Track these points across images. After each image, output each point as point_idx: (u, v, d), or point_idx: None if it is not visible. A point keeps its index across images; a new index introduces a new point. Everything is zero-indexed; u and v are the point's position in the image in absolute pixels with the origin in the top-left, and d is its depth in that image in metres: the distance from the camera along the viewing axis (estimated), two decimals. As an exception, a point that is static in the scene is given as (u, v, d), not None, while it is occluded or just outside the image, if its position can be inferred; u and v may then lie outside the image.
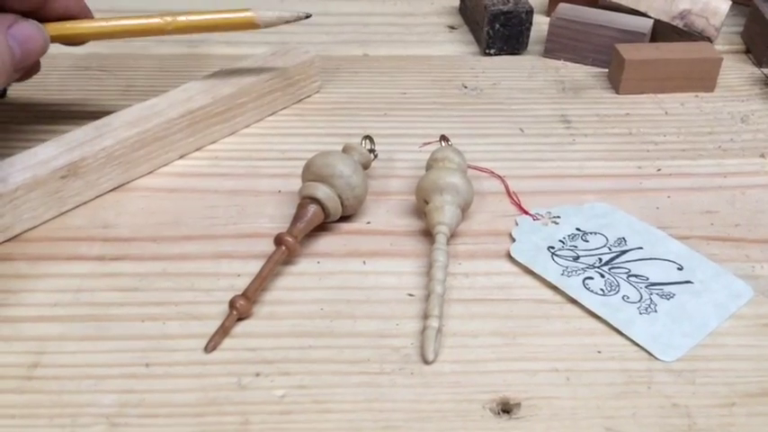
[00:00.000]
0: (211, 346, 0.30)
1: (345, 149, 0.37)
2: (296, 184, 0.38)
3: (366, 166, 0.38)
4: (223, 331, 0.30)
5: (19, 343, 0.30)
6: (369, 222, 0.37)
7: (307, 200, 0.35)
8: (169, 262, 0.34)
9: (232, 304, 0.31)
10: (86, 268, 0.33)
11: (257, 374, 0.29)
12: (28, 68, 0.37)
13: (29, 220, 0.35)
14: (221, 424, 0.27)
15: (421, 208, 0.36)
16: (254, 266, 0.33)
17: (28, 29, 0.36)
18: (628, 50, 0.47)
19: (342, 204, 0.35)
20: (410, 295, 0.33)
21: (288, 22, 0.40)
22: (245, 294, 0.31)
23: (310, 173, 0.35)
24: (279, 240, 0.33)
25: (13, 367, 0.29)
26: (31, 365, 0.29)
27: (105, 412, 0.27)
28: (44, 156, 0.36)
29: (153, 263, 0.34)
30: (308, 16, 0.41)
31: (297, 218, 0.34)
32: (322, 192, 0.35)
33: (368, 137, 0.39)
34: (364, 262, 0.34)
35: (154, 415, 0.27)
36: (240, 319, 0.31)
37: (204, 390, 0.28)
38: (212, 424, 0.27)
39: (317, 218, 0.35)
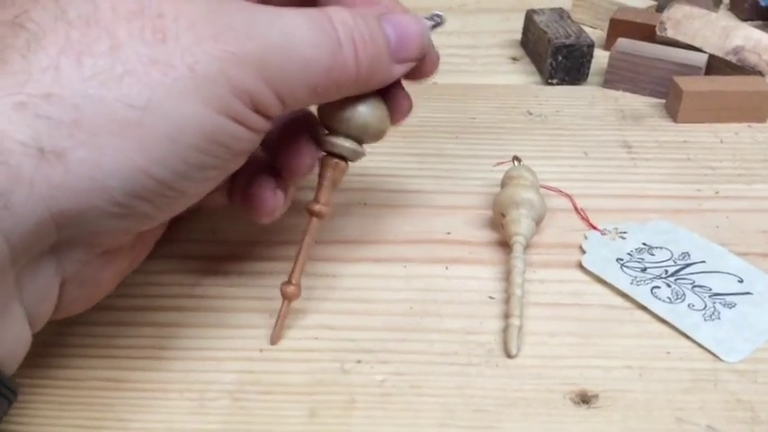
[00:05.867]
0: (275, 338, 0.33)
1: None
2: (373, 197, 0.41)
3: None
4: (282, 321, 0.33)
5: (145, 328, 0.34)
6: (449, 233, 0.40)
7: (329, 157, 0.33)
8: (271, 263, 0.38)
9: (283, 293, 0.33)
10: (198, 266, 0.37)
11: (358, 361, 0.32)
12: (411, 64, 0.32)
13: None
14: (331, 402, 0.30)
15: (497, 221, 0.39)
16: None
17: (402, 15, 0.31)
18: (685, 82, 0.50)
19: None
20: (491, 298, 0.36)
21: None
22: (290, 281, 0.33)
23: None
24: (313, 212, 0.33)
25: (143, 349, 0.33)
26: (159, 348, 0.33)
27: (228, 389, 0.31)
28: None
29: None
30: None
31: (322, 181, 0.33)
32: (347, 145, 0.32)
33: None
34: (447, 267, 0.38)
35: (271, 392, 0.31)
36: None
37: (312, 372, 0.32)
38: (323, 402, 0.30)
39: (342, 174, 0.33)
